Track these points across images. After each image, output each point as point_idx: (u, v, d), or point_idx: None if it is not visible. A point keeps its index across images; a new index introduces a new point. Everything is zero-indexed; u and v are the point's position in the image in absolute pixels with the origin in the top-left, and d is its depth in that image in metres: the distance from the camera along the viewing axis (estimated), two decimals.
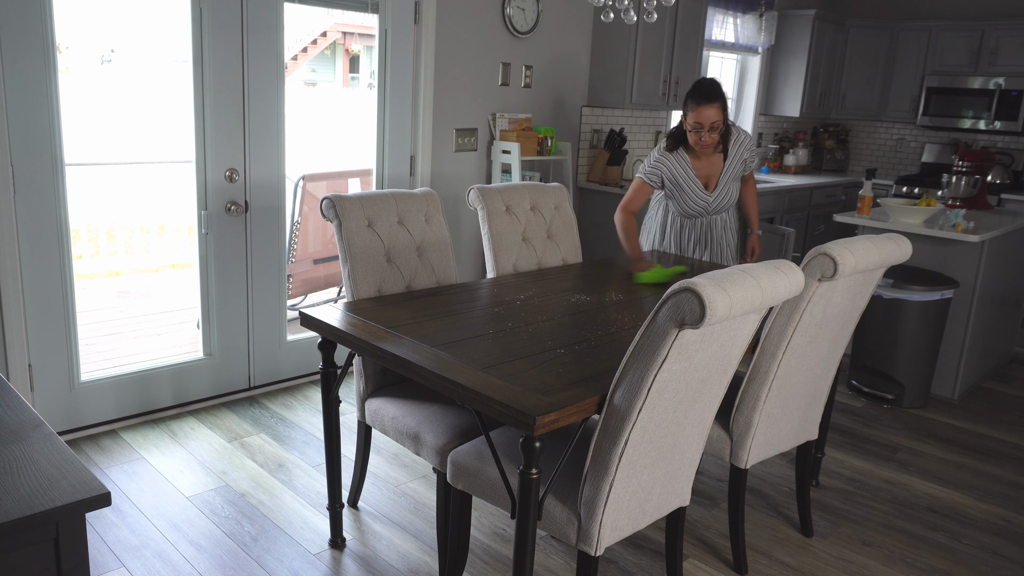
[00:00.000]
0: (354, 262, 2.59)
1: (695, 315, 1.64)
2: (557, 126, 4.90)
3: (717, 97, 3.15)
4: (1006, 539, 2.85)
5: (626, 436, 1.80)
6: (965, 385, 4.21)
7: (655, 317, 1.73)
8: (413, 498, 2.90)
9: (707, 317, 1.62)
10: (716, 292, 1.64)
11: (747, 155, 3.44)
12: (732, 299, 1.67)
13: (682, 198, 3.42)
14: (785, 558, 2.64)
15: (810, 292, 2.28)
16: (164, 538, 2.57)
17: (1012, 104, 6.09)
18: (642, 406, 1.77)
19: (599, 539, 1.89)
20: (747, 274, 1.77)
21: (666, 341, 1.71)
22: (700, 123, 3.18)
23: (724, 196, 3.42)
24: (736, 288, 1.70)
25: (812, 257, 2.28)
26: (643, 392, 1.76)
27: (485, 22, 4.30)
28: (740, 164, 3.43)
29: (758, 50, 6.36)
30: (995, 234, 3.96)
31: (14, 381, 3.02)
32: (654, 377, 1.74)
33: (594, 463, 1.86)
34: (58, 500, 1.18)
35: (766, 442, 2.50)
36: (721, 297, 1.64)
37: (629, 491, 1.91)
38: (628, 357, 1.78)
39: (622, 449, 1.81)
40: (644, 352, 1.75)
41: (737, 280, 1.73)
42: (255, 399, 3.70)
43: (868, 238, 2.41)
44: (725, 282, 1.69)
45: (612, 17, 2.97)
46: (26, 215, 2.95)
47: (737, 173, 3.44)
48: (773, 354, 2.36)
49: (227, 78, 3.36)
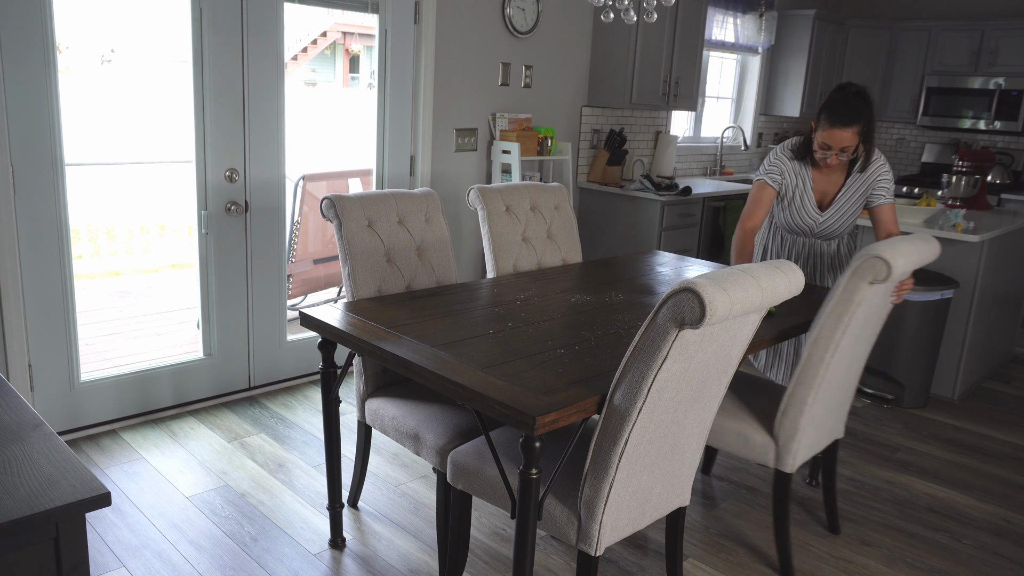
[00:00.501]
0: (354, 262, 2.59)
1: (695, 315, 1.63)
2: (557, 126, 4.90)
3: (857, 119, 2.73)
4: (1006, 539, 2.85)
5: (626, 436, 1.80)
6: (965, 385, 4.22)
7: (655, 317, 1.72)
8: (413, 498, 2.90)
9: (707, 317, 1.62)
10: (716, 292, 1.63)
11: (878, 179, 2.90)
12: (732, 299, 1.66)
13: (791, 211, 3.03)
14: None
15: (860, 295, 2.26)
16: (164, 538, 2.57)
17: (1012, 104, 6.09)
18: (642, 406, 1.77)
19: (599, 539, 1.89)
20: (747, 274, 1.77)
21: (666, 341, 1.71)
22: (829, 145, 2.79)
23: (838, 219, 2.99)
24: (736, 288, 1.69)
25: (864, 260, 2.23)
26: (643, 392, 1.76)
27: (485, 22, 4.30)
28: (864, 187, 2.92)
29: (758, 50, 6.36)
30: (995, 234, 3.96)
31: (14, 381, 3.02)
32: (654, 377, 1.74)
33: (594, 463, 1.86)
34: (58, 500, 1.18)
35: (809, 444, 2.49)
36: (721, 297, 1.64)
37: (629, 491, 1.91)
38: (628, 357, 1.78)
39: (622, 449, 1.81)
40: (644, 352, 1.75)
41: (737, 280, 1.72)
42: (255, 399, 3.70)
43: (906, 240, 2.37)
44: (725, 282, 1.68)
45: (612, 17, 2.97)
46: (26, 215, 2.95)
47: (858, 197, 2.95)
48: (821, 358, 2.35)
49: (227, 78, 3.36)
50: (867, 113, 2.77)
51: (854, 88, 2.78)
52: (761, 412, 2.56)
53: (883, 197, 2.91)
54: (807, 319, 2.57)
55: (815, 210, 3.00)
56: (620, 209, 4.92)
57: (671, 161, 5.61)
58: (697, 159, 6.22)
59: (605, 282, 2.93)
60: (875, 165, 2.91)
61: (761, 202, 2.98)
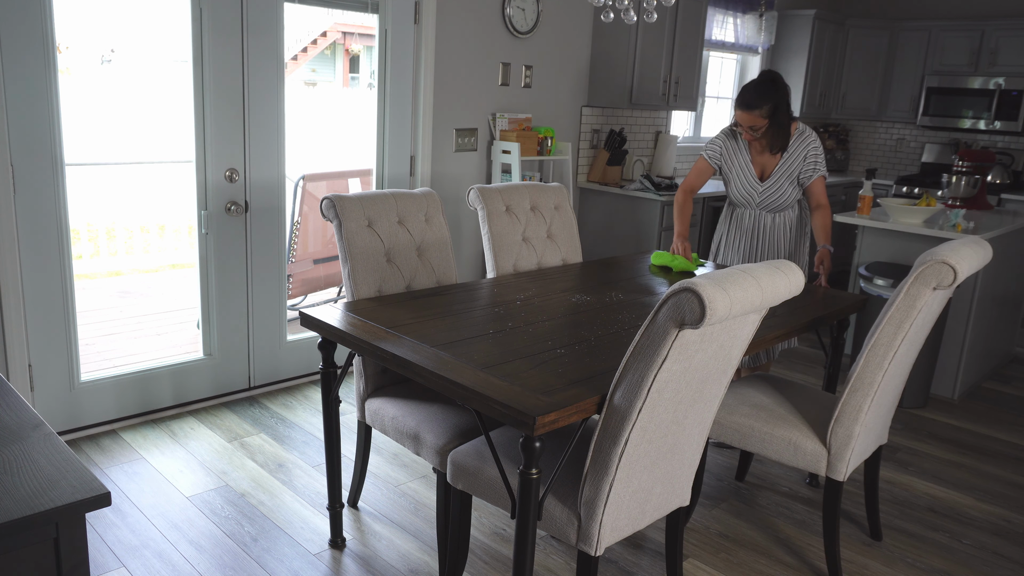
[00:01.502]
0: (354, 262, 2.59)
1: (695, 315, 1.63)
2: (557, 126, 4.90)
3: (758, 103, 3.10)
4: (1006, 539, 2.85)
5: (626, 436, 1.80)
6: (965, 385, 4.21)
7: (655, 317, 1.72)
8: (413, 498, 2.90)
9: (707, 317, 1.62)
10: (716, 292, 1.63)
11: (809, 156, 3.25)
12: (732, 299, 1.66)
13: (734, 182, 3.37)
14: (786, 558, 2.64)
15: (922, 301, 2.23)
16: (164, 538, 2.57)
17: (1012, 104, 6.09)
18: (642, 406, 1.77)
19: (599, 539, 1.89)
20: (747, 274, 1.77)
21: (666, 341, 1.71)
22: (740, 124, 3.19)
23: (776, 191, 3.29)
24: (736, 288, 1.69)
25: (928, 266, 2.18)
26: (643, 392, 1.75)
27: (485, 22, 4.30)
28: (798, 163, 3.25)
29: (758, 50, 6.36)
30: (995, 234, 3.96)
31: (14, 381, 3.02)
32: (654, 377, 1.74)
33: (594, 463, 1.86)
34: (58, 500, 1.18)
35: (860, 452, 2.47)
36: (721, 297, 1.63)
37: (629, 491, 1.91)
38: (628, 357, 1.78)
39: (622, 449, 1.81)
40: (644, 352, 1.74)
41: (737, 280, 1.72)
42: (255, 399, 3.70)
43: (966, 243, 2.31)
44: (725, 282, 1.68)
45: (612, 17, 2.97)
46: (26, 215, 2.95)
47: (793, 172, 3.26)
48: (879, 364, 2.32)
49: (227, 78, 3.36)
50: (771, 97, 3.10)
51: (767, 75, 3.13)
52: (812, 419, 2.53)
53: (812, 170, 3.25)
54: (805, 319, 2.57)
55: (756, 180, 3.33)
56: (620, 209, 4.92)
57: (671, 161, 5.61)
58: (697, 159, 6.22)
59: (605, 282, 2.93)
60: (806, 142, 3.25)
61: (699, 172, 3.43)
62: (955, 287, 2.18)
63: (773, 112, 3.12)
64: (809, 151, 3.24)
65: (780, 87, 3.13)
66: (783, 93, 3.14)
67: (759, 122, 3.13)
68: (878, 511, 2.77)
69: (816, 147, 3.25)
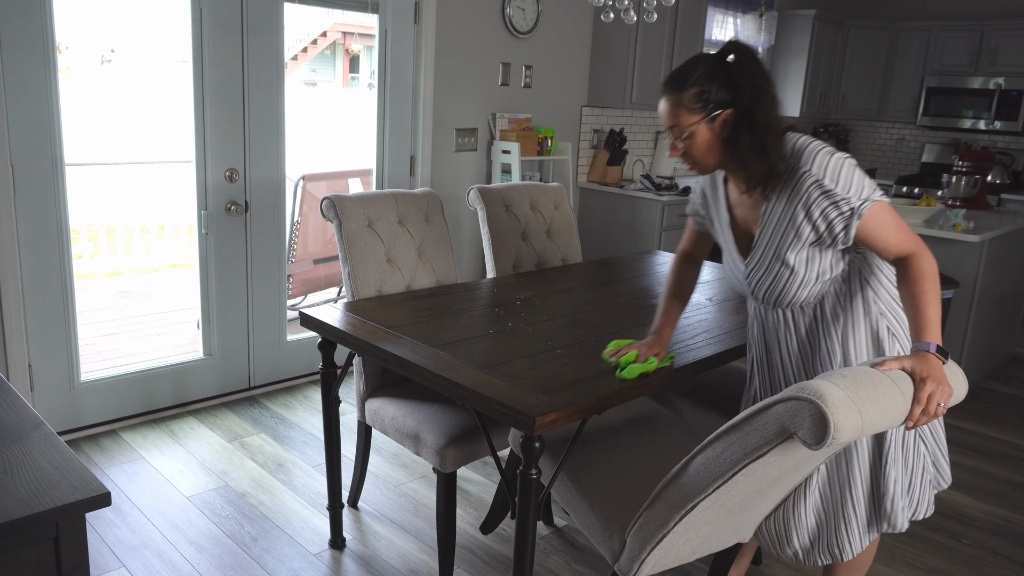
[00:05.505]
0: (354, 262, 2.59)
1: (811, 437, 1.32)
2: (557, 126, 4.90)
3: (673, 88, 1.70)
4: (1006, 539, 2.85)
5: (694, 503, 1.58)
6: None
7: (765, 411, 1.41)
8: (413, 498, 2.90)
9: (826, 444, 1.31)
10: (847, 416, 1.29)
11: (813, 202, 1.67)
12: (865, 424, 1.33)
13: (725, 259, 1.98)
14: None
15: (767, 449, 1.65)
16: (164, 538, 2.57)
17: (1012, 104, 6.09)
18: (722, 484, 1.53)
19: (639, 573, 1.75)
20: (897, 388, 1.40)
21: (770, 442, 1.43)
22: None
23: (765, 274, 1.79)
24: (874, 409, 1.34)
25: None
26: (727, 474, 1.51)
27: (485, 22, 4.30)
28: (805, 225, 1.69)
29: (758, 50, 6.36)
30: (995, 234, 3.96)
31: (14, 381, 3.02)
32: (745, 465, 1.48)
33: (652, 507, 1.66)
34: (58, 500, 1.18)
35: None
36: (852, 423, 1.30)
37: (683, 540, 1.71)
38: (724, 430, 1.51)
39: (686, 512, 1.60)
40: (742, 439, 1.47)
41: (878, 398, 1.36)
42: (255, 399, 3.70)
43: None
44: (863, 399, 1.33)
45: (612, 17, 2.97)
46: (26, 215, 2.95)
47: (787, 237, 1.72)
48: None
49: (227, 78, 3.36)
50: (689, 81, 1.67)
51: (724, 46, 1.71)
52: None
53: (839, 217, 1.65)
54: None
55: (737, 252, 1.88)
56: (620, 209, 4.92)
57: (671, 161, 5.62)
58: None
59: (605, 282, 2.93)
60: (799, 180, 1.67)
61: (688, 233, 2.14)
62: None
63: (716, 106, 1.67)
64: (811, 198, 1.66)
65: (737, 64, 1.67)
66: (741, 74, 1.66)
67: (676, 120, 1.70)
68: None
69: (818, 187, 1.66)
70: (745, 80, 1.66)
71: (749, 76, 1.66)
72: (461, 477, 3.06)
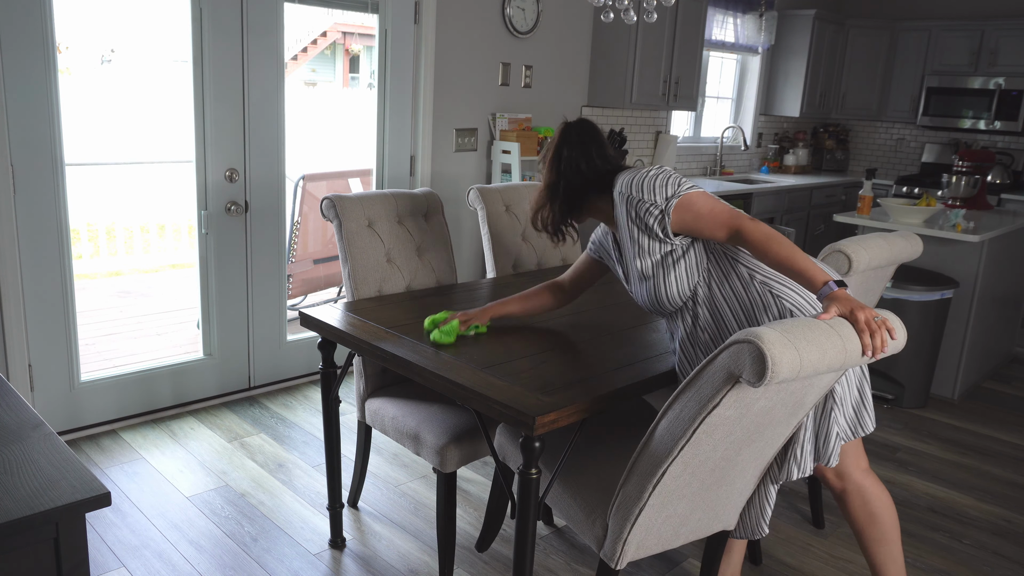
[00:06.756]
0: (354, 262, 2.59)
1: (753, 374, 1.43)
2: (557, 126, 4.90)
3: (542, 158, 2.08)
4: (1006, 539, 2.85)
5: (663, 469, 1.66)
6: (965, 385, 4.21)
7: (711, 362, 1.53)
8: (413, 498, 2.90)
9: (767, 379, 1.40)
10: (784, 351, 1.40)
11: (640, 220, 1.90)
12: (803, 361, 1.43)
13: None
14: (786, 558, 2.64)
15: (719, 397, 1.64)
16: (164, 538, 2.57)
17: (1012, 104, 6.09)
18: (685, 444, 1.62)
19: (622, 554, 1.79)
20: (833, 330, 1.51)
21: (720, 391, 1.53)
22: None
23: (640, 288, 1.98)
24: (811, 347, 1.44)
25: (827, 254, 2.22)
26: (688, 432, 1.60)
27: (485, 22, 4.30)
28: (640, 235, 1.91)
29: (758, 50, 6.36)
30: (995, 234, 3.96)
31: (14, 381, 3.02)
32: (702, 420, 1.57)
33: (626, 483, 1.75)
34: (58, 500, 1.18)
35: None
36: (789, 358, 1.40)
37: (662, 516, 1.77)
38: (679, 390, 1.62)
39: (657, 479, 1.67)
40: (696, 393, 1.57)
41: (815, 336, 1.46)
42: (255, 399, 3.70)
43: (880, 235, 2.34)
44: (799, 337, 1.44)
45: (612, 17, 2.97)
46: (26, 215, 2.95)
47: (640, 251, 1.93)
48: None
49: (227, 78, 3.36)
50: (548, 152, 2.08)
51: None
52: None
53: (651, 211, 1.86)
54: None
55: (624, 278, 2.10)
56: None
57: (671, 161, 5.61)
58: (697, 159, 6.22)
59: (605, 282, 2.93)
60: (617, 200, 1.95)
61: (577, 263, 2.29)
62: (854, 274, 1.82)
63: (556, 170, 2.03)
64: (628, 205, 1.91)
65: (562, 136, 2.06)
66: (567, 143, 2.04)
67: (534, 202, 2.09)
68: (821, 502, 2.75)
69: (631, 190, 1.90)
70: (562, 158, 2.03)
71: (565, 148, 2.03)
72: (461, 477, 3.06)
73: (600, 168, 2.02)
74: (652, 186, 1.87)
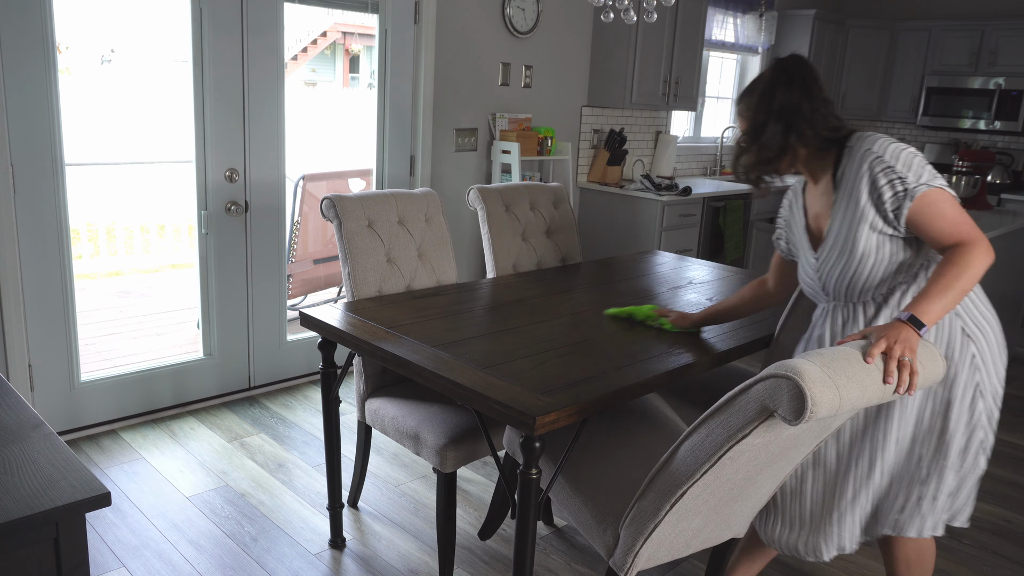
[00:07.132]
0: (354, 262, 2.59)
1: (790, 412, 1.35)
2: (557, 126, 4.90)
3: (739, 99, 1.93)
4: (1006, 539, 2.85)
5: (683, 490, 1.61)
6: None
7: (744, 392, 1.47)
8: (413, 498, 2.90)
9: (805, 418, 1.33)
10: (824, 391, 1.32)
11: (877, 173, 1.76)
12: (843, 399, 1.35)
13: (798, 259, 2.06)
14: (786, 559, 2.64)
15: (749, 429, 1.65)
16: (164, 538, 2.57)
17: (1012, 104, 6.09)
18: (709, 468, 1.57)
19: (632, 565, 1.78)
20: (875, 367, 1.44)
21: (752, 421, 1.47)
22: None
23: (836, 260, 1.86)
24: (852, 385, 1.37)
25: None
26: (713, 458, 1.55)
27: (485, 22, 4.30)
28: (859, 195, 1.79)
29: (758, 50, 6.36)
30: (995, 234, 3.96)
31: (14, 381, 3.02)
32: (729, 448, 1.52)
33: (644, 497, 1.71)
34: (58, 500, 1.18)
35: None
36: (829, 398, 1.32)
37: (676, 531, 1.74)
38: (708, 414, 1.56)
39: (676, 499, 1.63)
40: (725, 421, 1.51)
41: (855, 374, 1.38)
42: (255, 399, 3.70)
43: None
44: (840, 374, 1.36)
45: (612, 17, 2.97)
46: (26, 215, 2.95)
47: (856, 216, 1.80)
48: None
49: (227, 78, 3.36)
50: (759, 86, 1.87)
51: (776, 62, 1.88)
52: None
53: (895, 194, 1.73)
54: None
55: (810, 249, 1.97)
56: (620, 209, 4.92)
57: (671, 161, 5.61)
58: (697, 159, 6.22)
59: (605, 282, 2.93)
60: (862, 152, 1.79)
61: (772, 264, 2.21)
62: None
63: (766, 109, 1.83)
64: (872, 169, 1.77)
65: (780, 72, 1.84)
66: (785, 80, 1.82)
67: (741, 122, 1.94)
68: None
69: (882, 161, 1.76)
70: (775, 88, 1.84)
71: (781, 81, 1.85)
72: (461, 477, 3.06)
73: (825, 114, 1.82)
74: (910, 161, 1.74)
